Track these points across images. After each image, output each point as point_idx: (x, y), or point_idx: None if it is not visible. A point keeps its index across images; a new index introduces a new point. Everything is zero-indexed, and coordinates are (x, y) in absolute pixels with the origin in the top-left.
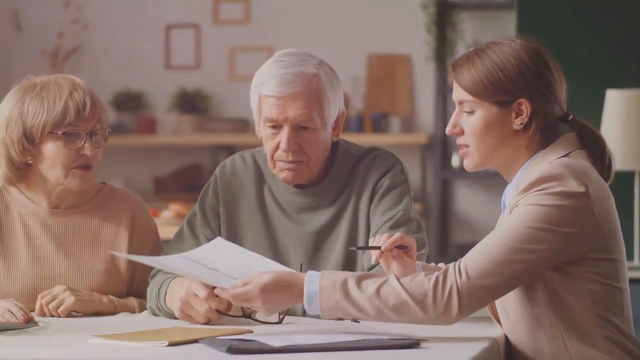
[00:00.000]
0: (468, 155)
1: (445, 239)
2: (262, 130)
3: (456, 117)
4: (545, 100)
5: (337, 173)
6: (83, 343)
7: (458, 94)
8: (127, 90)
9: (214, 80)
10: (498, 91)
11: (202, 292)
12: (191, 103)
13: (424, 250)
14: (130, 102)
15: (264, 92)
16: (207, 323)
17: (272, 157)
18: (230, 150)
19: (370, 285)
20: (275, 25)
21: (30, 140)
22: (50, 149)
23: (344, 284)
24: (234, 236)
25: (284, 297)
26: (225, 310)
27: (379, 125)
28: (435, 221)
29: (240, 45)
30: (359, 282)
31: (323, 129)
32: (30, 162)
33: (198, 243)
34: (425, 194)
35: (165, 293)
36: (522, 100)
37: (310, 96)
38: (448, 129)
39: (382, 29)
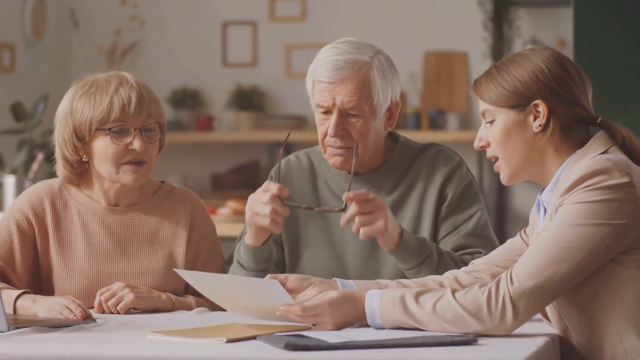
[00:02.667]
0: (500, 168)
1: (501, 237)
2: (315, 115)
3: (482, 130)
4: (563, 101)
5: (396, 163)
6: (141, 340)
7: (480, 106)
8: (184, 88)
9: (271, 78)
10: (512, 95)
11: (274, 187)
12: (248, 100)
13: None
14: (187, 99)
15: (316, 77)
16: (271, 227)
17: (322, 142)
18: (287, 147)
19: (428, 301)
20: (331, 22)
21: (80, 138)
22: (100, 145)
23: (403, 300)
24: (292, 232)
25: (350, 312)
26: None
27: (436, 122)
28: (491, 219)
29: (297, 42)
30: (416, 298)
31: (372, 117)
32: (85, 160)
33: None
34: (482, 191)
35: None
36: (537, 101)
37: (358, 83)
38: (475, 143)
39: (439, 26)
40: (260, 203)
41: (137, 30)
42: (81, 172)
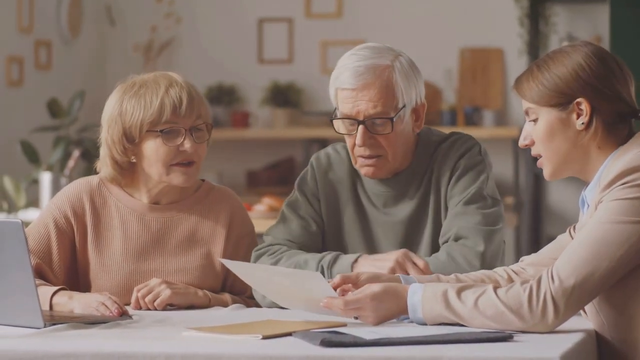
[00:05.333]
0: (543, 165)
1: (537, 233)
2: (342, 126)
3: (526, 127)
4: (605, 97)
5: (419, 162)
6: (177, 336)
7: (523, 104)
8: (219, 84)
9: (307, 74)
10: (554, 94)
11: None
12: (284, 97)
13: (500, 225)
14: (223, 96)
15: (339, 84)
16: None
17: (352, 152)
18: (323, 143)
19: (470, 297)
20: (367, 19)
21: (130, 140)
22: (150, 147)
23: (445, 295)
24: (334, 223)
25: (391, 306)
26: None
27: (472, 118)
28: (527, 214)
29: (332, 38)
30: (459, 293)
31: (399, 121)
32: (134, 161)
33: (306, 224)
34: (518, 188)
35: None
36: (580, 99)
37: (381, 88)
38: (520, 142)
39: (474, 22)
40: None
41: (173, 27)
42: (128, 173)
